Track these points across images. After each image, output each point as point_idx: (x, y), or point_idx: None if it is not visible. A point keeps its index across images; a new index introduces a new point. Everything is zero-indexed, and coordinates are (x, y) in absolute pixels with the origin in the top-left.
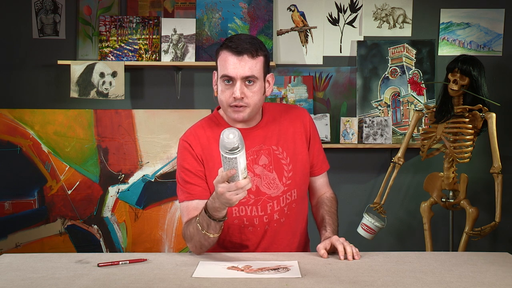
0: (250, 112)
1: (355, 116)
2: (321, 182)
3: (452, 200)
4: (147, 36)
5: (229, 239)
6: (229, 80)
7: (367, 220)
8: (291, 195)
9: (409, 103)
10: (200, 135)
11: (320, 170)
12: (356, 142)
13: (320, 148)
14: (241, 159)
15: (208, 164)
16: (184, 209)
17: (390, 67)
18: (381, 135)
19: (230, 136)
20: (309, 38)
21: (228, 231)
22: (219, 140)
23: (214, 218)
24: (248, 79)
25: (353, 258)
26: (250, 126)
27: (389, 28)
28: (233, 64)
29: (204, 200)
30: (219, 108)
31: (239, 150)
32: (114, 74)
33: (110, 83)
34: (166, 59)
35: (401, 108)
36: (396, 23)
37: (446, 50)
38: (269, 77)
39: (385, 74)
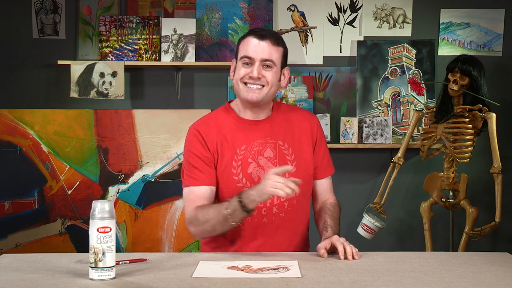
0: (265, 93)
1: (355, 116)
2: (325, 187)
3: (452, 200)
4: (147, 36)
5: None
6: (248, 62)
7: (367, 220)
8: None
9: (409, 103)
10: (210, 125)
11: (324, 174)
12: (356, 142)
13: (326, 153)
14: (92, 230)
15: (217, 152)
16: (190, 194)
17: (390, 67)
18: (381, 135)
19: (105, 204)
20: (309, 38)
21: None
22: (230, 128)
23: (244, 205)
24: (266, 63)
25: (353, 258)
26: (259, 118)
27: (389, 28)
28: (254, 46)
29: (210, 187)
30: (230, 101)
31: (93, 218)
32: (114, 74)
33: (110, 83)
34: (166, 59)
35: (401, 108)
36: (396, 23)
37: (446, 50)
38: (285, 70)
39: (385, 74)
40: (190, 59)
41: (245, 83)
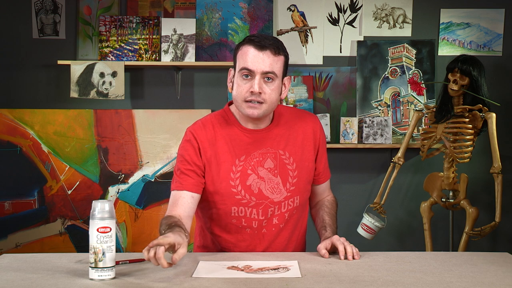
0: (265, 109)
1: (355, 116)
2: (323, 188)
3: (452, 200)
4: (147, 36)
5: (225, 237)
6: (248, 74)
7: (367, 220)
8: (293, 202)
9: (409, 103)
10: (208, 131)
11: (324, 179)
12: (356, 142)
13: (326, 158)
14: (92, 230)
15: (213, 161)
16: (171, 197)
17: (390, 67)
18: (381, 135)
19: (105, 204)
20: (309, 38)
21: (225, 229)
22: (230, 137)
23: None
24: (268, 76)
25: (353, 258)
26: (260, 127)
27: (389, 28)
28: (254, 58)
29: (192, 193)
30: (230, 103)
31: (93, 218)
32: (114, 74)
33: (110, 83)
34: (166, 59)
35: (401, 108)
36: (396, 23)
37: (446, 50)
38: (286, 80)
39: (385, 74)
40: (190, 59)
41: (246, 101)
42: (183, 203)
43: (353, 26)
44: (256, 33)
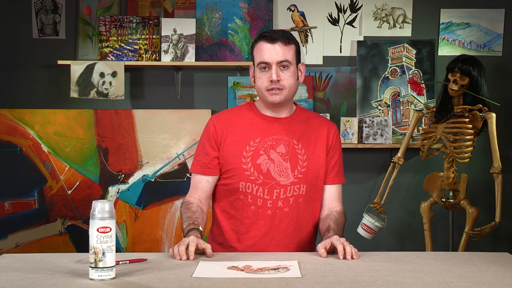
0: (286, 94)
1: (355, 116)
2: (332, 194)
3: (452, 200)
4: (147, 36)
5: (232, 213)
6: (265, 66)
7: (367, 220)
8: (299, 189)
9: (409, 103)
10: (228, 115)
11: (332, 180)
12: (356, 142)
13: (338, 162)
14: (92, 230)
15: (228, 140)
16: (191, 179)
17: (390, 67)
18: (381, 135)
19: (105, 204)
20: (309, 38)
21: (232, 205)
22: (249, 122)
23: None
24: (283, 64)
25: (352, 258)
26: (280, 116)
27: (389, 28)
28: (268, 51)
29: (207, 177)
30: (254, 100)
31: (93, 218)
32: (114, 74)
33: (110, 83)
34: (166, 59)
35: (401, 108)
36: (396, 23)
37: (446, 50)
38: (301, 65)
39: (385, 74)
40: (190, 59)
41: (268, 90)
42: (201, 187)
43: (353, 26)
44: (268, 30)
